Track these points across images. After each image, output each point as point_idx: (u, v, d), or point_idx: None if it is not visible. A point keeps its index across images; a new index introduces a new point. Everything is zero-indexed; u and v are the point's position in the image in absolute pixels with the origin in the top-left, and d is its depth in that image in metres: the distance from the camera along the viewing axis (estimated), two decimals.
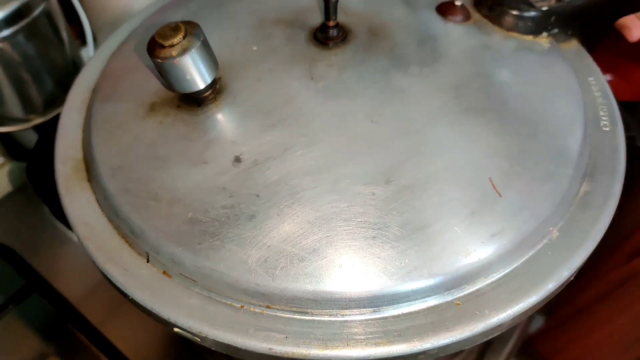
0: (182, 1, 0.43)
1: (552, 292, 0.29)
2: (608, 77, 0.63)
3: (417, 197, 0.29)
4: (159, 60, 0.30)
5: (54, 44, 0.58)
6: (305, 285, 0.27)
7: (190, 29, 0.31)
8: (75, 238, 0.58)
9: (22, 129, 0.60)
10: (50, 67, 0.59)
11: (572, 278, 0.30)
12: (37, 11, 0.53)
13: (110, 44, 0.42)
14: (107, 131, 0.34)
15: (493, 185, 0.30)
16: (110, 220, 0.32)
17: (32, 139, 0.63)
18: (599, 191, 0.32)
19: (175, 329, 0.29)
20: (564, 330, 0.61)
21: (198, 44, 0.31)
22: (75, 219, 0.32)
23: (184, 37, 0.31)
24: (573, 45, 0.40)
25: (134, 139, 0.33)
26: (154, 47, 0.31)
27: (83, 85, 0.39)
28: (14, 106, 0.58)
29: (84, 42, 0.62)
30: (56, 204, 0.35)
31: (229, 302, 0.28)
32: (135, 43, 0.39)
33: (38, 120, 0.60)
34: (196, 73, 0.31)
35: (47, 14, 0.55)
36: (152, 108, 0.34)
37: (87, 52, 0.60)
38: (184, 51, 0.30)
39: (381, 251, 0.28)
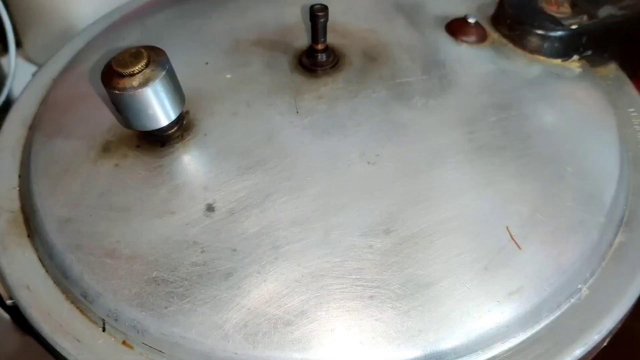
0: (136, 16, 0.51)
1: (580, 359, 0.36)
2: None
3: (422, 250, 0.37)
4: (117, 92, 0.37)
5: None
6: (292, 354, 0.34)
7: (154, 55, 0.38)
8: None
9: None
10: None
11: (605, 343, 0.37)
12: None
13: (49, 69, 0.50)
14: (51, 177, 0.42)
15: (511, 235, 0.38)
16: (58, 283, 0.39)
17: None
18: (637, 242, 0.40)
19: None
20: None
21: (163, 73, 0.38)
22: (15, 282, 0.39)
23: (147, 65, 0.38)
24: (610, 70, 0.48)
25: (84, 186, 0.40)
26: (110, 76, 0.38)
27: (18, 120, 0.47)
28: None
29: (5, 48, 0.70)
30: None
31: None
32: (82, 68, 0.47)
33: None
34: (159, 107, 0.38)
35: None
36: (106, 148, 0.42)
37: (9, 60, 0.67)
38: (146, 81, 0.37)
39: (380, 313, 0.35)
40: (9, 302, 0.39)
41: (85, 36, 0.51)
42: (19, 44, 0.69)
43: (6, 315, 0.50)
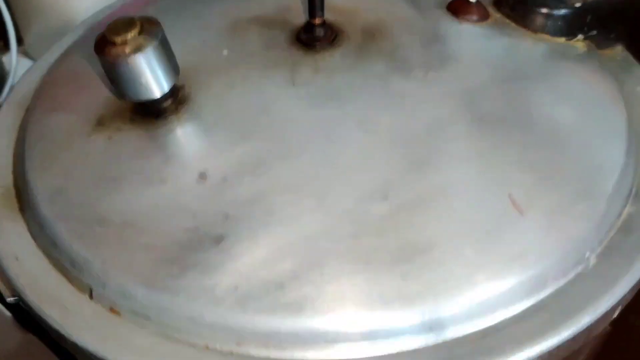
0: (135, 7, 0.52)
1: (589, 328, 0.34)
2: None
3: (420, 215, 0.36)
4: (108, 59, 0.37)
5: None
6: (284, 318, 0.33)
7: (148, 25, 0.38)
8: None
9: None
10: None
11: (615, 315, 0.36)
12: None
13: (48, 58, 0.50)
14: (44, 151, 0.41)
15: (513, 201, 0.36)
16: (47, 254, 0.38)
17: None
18: None
19: None
20: None
21: (156, 41, 0.38)
22: (5, 254, 0.39)
23: (139, 34, 0.38)
24: (617, 52, 0.47)
25: (77, 158, 0.40)
26: (103, 44, 0.38)
27: (14, 103, 0.47)
28: None
29: (6, 45, 0.71)
30: None
31: (191, 341, 0.34)
32: (80, 51, 0.47)
33: None
34: (151, 77, 0.38)
35: None
36: (100, 122, 0.42)
37: (10, 57, 0.68)
38: (138, 49, 0.37)
39: (376, 276, 0.34)
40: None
41: (82, 28, 0.52)
42: (20, 41, 0.70)
43: (7, 313, 0.49)
